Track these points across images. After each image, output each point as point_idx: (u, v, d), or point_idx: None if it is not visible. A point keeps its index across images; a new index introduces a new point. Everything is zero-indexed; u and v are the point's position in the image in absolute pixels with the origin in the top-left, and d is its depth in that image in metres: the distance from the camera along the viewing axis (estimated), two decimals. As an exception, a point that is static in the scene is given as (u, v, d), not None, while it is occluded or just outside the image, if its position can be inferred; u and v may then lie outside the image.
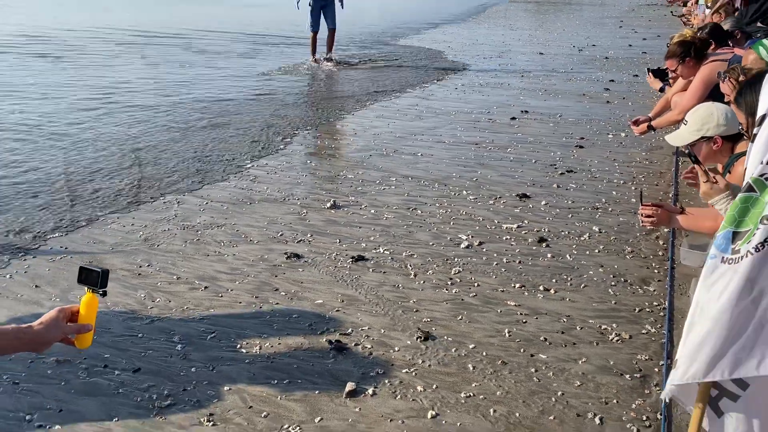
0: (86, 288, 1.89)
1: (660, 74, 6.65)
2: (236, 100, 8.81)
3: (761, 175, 1.77)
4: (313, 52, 11.34)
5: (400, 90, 9.73)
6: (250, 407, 2.84)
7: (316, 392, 2.94)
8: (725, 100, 4.16)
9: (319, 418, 2.77)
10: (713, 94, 5.12)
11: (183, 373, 3.07)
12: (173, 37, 14.99)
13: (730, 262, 1.72)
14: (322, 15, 11.19)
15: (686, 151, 3.37)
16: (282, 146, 6.81)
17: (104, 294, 1.90)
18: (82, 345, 1.90)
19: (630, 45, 14.32)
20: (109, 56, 12.24)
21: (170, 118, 7.80)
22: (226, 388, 2.96)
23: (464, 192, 5.47)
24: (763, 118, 1.94)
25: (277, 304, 3.70)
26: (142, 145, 6.71)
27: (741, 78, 3.74)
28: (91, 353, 3.17)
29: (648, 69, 7.31)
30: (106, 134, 7.07)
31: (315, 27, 11.25)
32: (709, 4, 12.02)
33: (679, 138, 3.66)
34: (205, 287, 3.88)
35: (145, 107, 8.28)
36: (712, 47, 5.83)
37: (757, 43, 4.12)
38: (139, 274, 4.03)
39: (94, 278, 1.88)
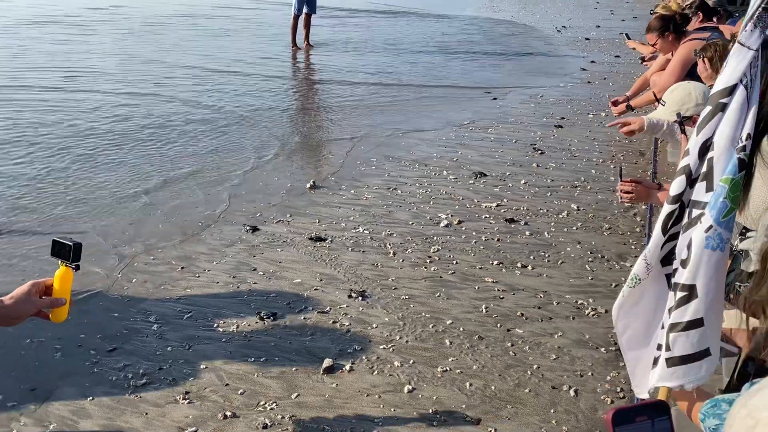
0: (60, 261, 1.85)
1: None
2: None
3: (743, 150, 1.75)
4: (294, 39, 11.24)
5: (379, 72, 9.68)
6: (227, 385, 2.83)
7: (293, 369, 2.94)
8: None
9: (295, 395, 2.77)
10: (691, 73, 5.14)
11: (159, 353, 3.05)
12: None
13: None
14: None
15: (677, 120, 3.36)
16: (259, 129, 6.75)
17: (77, 268, 1.86)
18: (57, 319, 1.86)
19: (598, 26, 14.32)
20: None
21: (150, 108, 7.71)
22: (202, 366, 2.95)
23: (444, 172, 5.47)
24: (734, 88, 1.93)
25: (254, 283, 3.69)
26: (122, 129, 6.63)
27: (719, 52, 3.74)
28: (66, 334, 3.14)
29: (626, 35, 7.41)
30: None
31: (299, 10, 11.14)
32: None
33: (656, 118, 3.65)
34: (182, 267, 3.86)
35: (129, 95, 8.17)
36: (699, 18, 5.84)
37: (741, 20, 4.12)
38: (116, 254, 3.99)
39: (66, 251, 1.84)
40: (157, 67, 9.19)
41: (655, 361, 1.78)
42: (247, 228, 4.36)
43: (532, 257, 3.99)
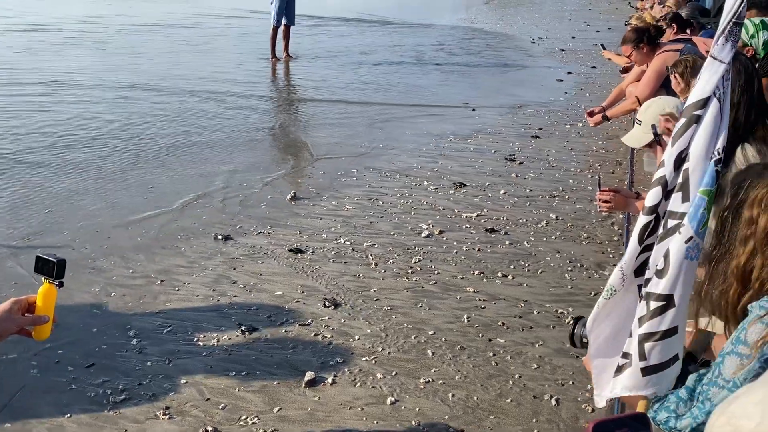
0: (43, 278, 1.83)
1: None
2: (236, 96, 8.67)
3: (719, 163, 1.78)
4: (273, 50, 11.24)
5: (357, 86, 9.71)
6: (208, 399, 2.81)
7: (275, 383, 2.92)
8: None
9: (277, 408, 2.75)
10: (666, 84, 5.23)
11: (138, 368, 3.02)
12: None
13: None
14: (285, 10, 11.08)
15: (653, 132, 3.39)
16: (235, 140, 6.73)
17: (61, 285, 1.83)
18: (39, 336, 1.83)
19: (573, 37, 14.50)
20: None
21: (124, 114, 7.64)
22: (182, 381, 2.92)
23: (425, 182, 5.49)
24: (707, 100, 1.97)
25: (235, 296, 3.67)
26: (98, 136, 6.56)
27: (689, 66, 3.81)
28: (43, 349, 3.09)
29: (601, 45, 7.53)
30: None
31: (279, 22, 11.14)
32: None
33: (635, 139, 3.66)
34: (161, 281, 3.82)
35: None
36: (674, 31, 5.95)
37: None
38: (94, 268, 3.95)
39: (50, 268, 1.82)
40: (130, 87, 9.11)
41: (620, 369, 1.78)
42: (227, 240, 4.34)
43: (512, 267, 4.02)
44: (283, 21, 11.18)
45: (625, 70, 6.91)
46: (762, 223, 1.42)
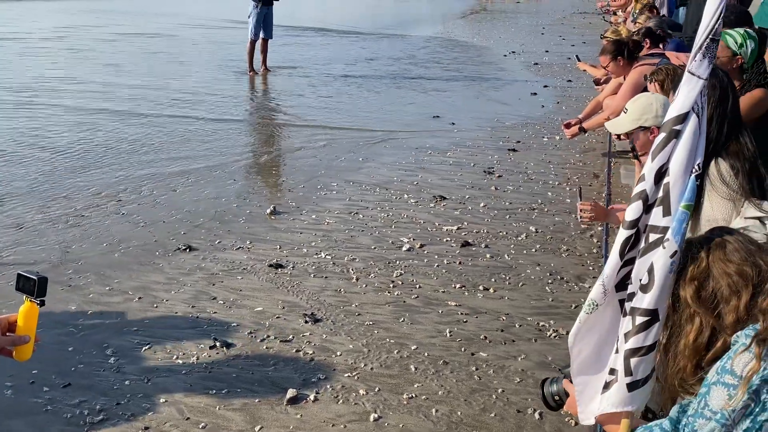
0: (25, 297, 1.78)
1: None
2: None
3: (698, 178, 1.80)
4: (251, 63, 11.22)
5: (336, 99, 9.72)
6: (188, 419, 2.76)
7: (256, 400, 2.88)
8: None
9: (259, 427, 2.71)
10: (641, 97, 5.31)
11: (116, 387, 2.96)
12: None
13: None
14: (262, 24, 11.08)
15: (629, 146, 3.45)
16: (213, 151, 6.68)
17: (42, 303, 1.79)
18: (20, 357, 1.78)
19: (547, 51, 14.68)
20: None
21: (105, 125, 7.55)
22: (162, 400, 2.87)
23: (405, 195, 5.49)
24: (686, 115, 1.99)
25: (215, 312, 3.62)
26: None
27: (670, 75, 3.87)
28: (17, 370, 3.01)
29: (576, 56, 7.63)
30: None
31: (256, 35, 11.14)
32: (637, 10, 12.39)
33: (618, 126, 3.72)
34: (139, 298, 3.76)
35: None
36: (647, 45, 6.07)
37: (722, 33, 4.23)
38: (70, 286, 3.87)
39: (31, 286, 1.77)
40: (97, 111, 9.00)
41: (607, 385, 1.78)
42: (205, 256, 4.29)
43: (493, 280, 4.03)
44: (261, 34, 11.18)
45: (598, 82, 7.00)
46: (690, 296, 1.50)
